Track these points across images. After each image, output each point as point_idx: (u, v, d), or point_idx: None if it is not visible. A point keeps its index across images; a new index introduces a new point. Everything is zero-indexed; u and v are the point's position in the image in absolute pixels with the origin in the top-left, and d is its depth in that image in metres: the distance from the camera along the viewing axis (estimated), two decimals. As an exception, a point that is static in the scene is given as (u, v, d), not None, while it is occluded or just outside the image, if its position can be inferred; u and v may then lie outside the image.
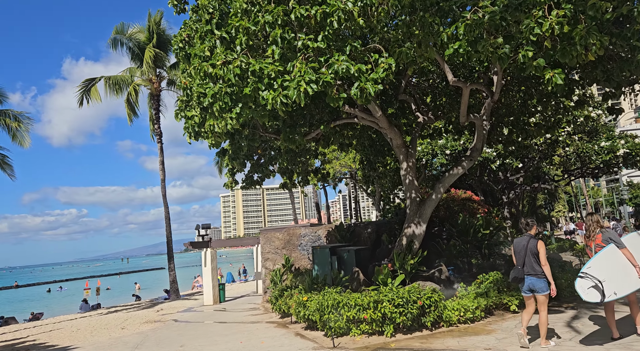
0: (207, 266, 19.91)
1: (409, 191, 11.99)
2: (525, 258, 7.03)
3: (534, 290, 7.01)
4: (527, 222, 7.42)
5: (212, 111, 7.67)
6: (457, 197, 18.41)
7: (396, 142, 12.11)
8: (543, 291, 6.93)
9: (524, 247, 7.08)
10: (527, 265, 7.00)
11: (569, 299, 11.04)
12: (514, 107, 14.28)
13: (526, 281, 7.04)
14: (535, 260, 6.94)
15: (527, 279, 7.02)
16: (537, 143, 23.05)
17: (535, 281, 6.93)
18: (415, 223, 11.66)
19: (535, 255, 6.96)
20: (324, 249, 14.79)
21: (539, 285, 6.92)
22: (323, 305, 8.68)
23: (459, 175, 11.72)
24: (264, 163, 14.66)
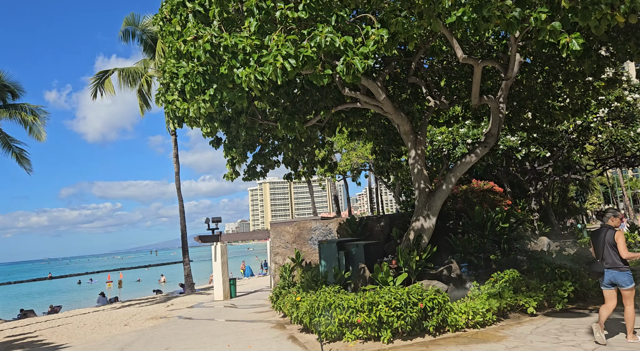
0: (217, 261, 19.39)
1: (418, 181, 11.02)
2: (604, 251, 6.69)
3: (616, 284, 6.67)
4: (606, 212, 6.96)
5: (185, 93, 6.93)
6: (477, 189, 17.25)
7: (404, 128, 11.14)
8: (627, 285, 6.57)
9: (602, 239, 6.73)
10: (607, 258, 6.67)
11: (596, 301, 9.90)
12: (537, 90, 13.06)
13: (606, 275, 6.73)
14: (615, 252, 6.57)
15: (608, 272, 6.70)
16: (566, 130, 21.55)
17: (617, 275, 6.58)
18: (424, 216, 10.70)
19: (613, 247, 6.57)
20: (331, 244, 13.99)
21: (621, 279, 6.55)
22: (313, 307, 7.88)
23: (472, 163, 10.68)
24: (267, 153, 13.92)
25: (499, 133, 10.61)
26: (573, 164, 25.74)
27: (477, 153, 10.59)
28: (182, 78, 6.84)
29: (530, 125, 14.29)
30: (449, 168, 31.56)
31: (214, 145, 10.91)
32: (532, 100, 13.19)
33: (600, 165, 25.88)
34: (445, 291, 8.59)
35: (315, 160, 14.70)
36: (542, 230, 26.09)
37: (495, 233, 12.41)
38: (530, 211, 26.95)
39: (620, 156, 23.22)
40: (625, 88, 22.31)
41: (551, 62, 12.13)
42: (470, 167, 31.20)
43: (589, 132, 21.52)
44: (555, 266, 10.16)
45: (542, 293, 9.37)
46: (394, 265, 9.78)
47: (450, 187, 10.71)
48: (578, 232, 29.11)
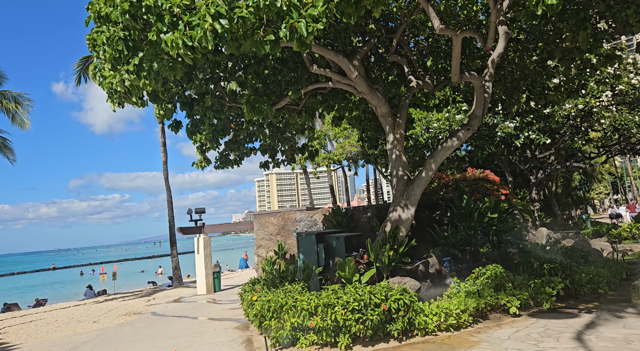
0: (200, 253, 18.62)
1: (395, 168, 10.09)
2: None
3: None
4: None
5: (106, 62, 6.03)
6: (470, 177, 16.27)
7: (381, 110, 10.19)
8: None
9: None
10: None
11: (589, 298, 8.98)
12: (530, 68, 12.03)
13: None
14: None
15: None
16: (568, 115, 20.44)
17: None
18: (401, 207, 9.78)
19: None
20: (310, 236, 13.11)
21: None
22: (264, 308, 7.02)
23: (454, 147, 9.71)
24: (241, 140, 13.02)
25: (484, 114, 9.63)
26: (576, 152, 24.61)
27: (459, 137, 9.62)
28: (101, 46, 5.93)
29: (525, 108, 13.25)
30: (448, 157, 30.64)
31: (173, 129, 10.01)
32: (525, 81, 12.18)
33: (604, 153, 24.73)
34: (418, 290, 7.70)
35: (296, 146, 13.80)
36: (542, 221, 25.07)
37: (484, 225, 11.48)
38: (530, 201, 25.92)
39: (625, 143, 22.08)
40: (631, 71, 21.13)
41: (545, 38, 11.09)
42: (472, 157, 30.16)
43: (592, 117, 20.39)
44: (544, 261, 9.23)
45: (527, 290, 8.47)
46: (365, 260, 8.89)
47: (430, 174, 9.77)
48: (582, 222, 28.00)
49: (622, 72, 20.77)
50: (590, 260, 10.77)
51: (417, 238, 11.79)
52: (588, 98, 20.19)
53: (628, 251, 16.53)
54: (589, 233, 23.12)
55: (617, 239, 20.20)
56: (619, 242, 20.01)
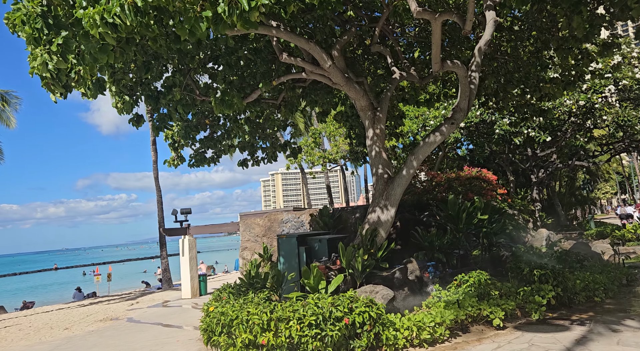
0: (185, 256, 17.96)
1: (375, 166, 9.36)
2: None
3: None
4: None
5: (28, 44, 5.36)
6: (463, 176, 15.49)
7: (359, 103, 9.46)
8: None
9: None
10: None
11: (583, 308, 8.21)
12: (524, 59, 11.26)
13: None
14: None
15: None
16: (569, 112, 19.59)
17: None
18: (381, 207, 9.04)
19: None
20: (290, 238, 12.39)
21: None
22: (213, 322, 6.31)
23: (437, 143, 8.95)
24: (219, 137, 12.34)
25: (469, 107, 8.87)
26: (578, 150, 23.72)
27: (442, 132, 8.87)
28: (20, 25, 5.25)
29: (520, 102, 12.47)
30: (447, 155, 29.74)
31: (133, 124, 9.33)
32: (519, 72, 11.41)
33: (607, 151, 23.81)
34: (391, 300, 6.97)
35: (278, 143, 13.09)
36: (544, 221, 24.18)
37: (472, 226, 10.71)
38: (532, 201, 25.05)
39: (629, 140, 21.18)
40: (635, 65, 20.24)
41: (538, 25, 10.32)
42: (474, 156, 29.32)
43: (594, 113, 19.53)
44: (535, 266, 8.45)
45: (514, 299, 7.71)
46: (338, 266, 8.17)
47: (411, 172, 9.02)
48: (586, 223, 27.07)
49: (627, 66, 19.91)
50: (587, 264, 9.98)
51: (403, 241, 11.07)
52: (590, 93, 19.34)
53: (631, 254, 15.68)
54: (593, 235, 22.26)
55: (620, 241, 19.34)
56: (622, 244, 19.14)
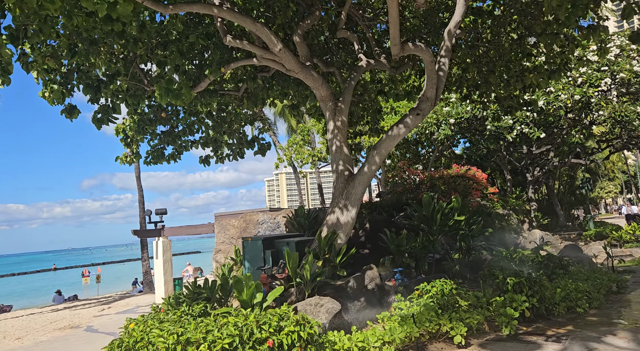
0: (159, 258, 17.14)
1: (336, 162, 8.49)
2: None
3: None
4: None
5: None
6: (446, 175, 14.59)
7: (319, 93, 8.60)
8: None
9: None
10: None
11: (563, 320, 7.31)
12: (505, 46, 10.37)
13: None
14: None
15: None
16: (564, 107, 18.63)
17: None
18: (340, 208, 8.18)
19: None
20: (256, 241, 11.56)
21: None
22: (115, 344, 5.45)
23: (401, 136, 8.08)
24: (180, 132, 11.52)
25: (438, 96, 7.99)
26: (575, 147, 22.75)
27: (406, 124, 7.99)
28: None
29: (503, 94, 11.56)
30: (443, 154, 28.76)
31: (66, 115, 8.48)
32: (502, 61, 10.51)
33: (606, 147, 22.82)
34: (337, 313, 6.09)
35: (244, 139, 12.25)
36: (540, 222, 23.23)
37: (446, 228, 9.83)
38: (527, 200, 24.11)
39: (628, 137, 20.19)
40: (634, 57, 19.26)
41: (518, 7, 9.42)
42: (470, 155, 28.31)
43: (590, 108, 18.57)
44: (509, 274, 7.56)
45: (484, 312, 6.84)
46: (285, 274, 7.31)
47: (374, 168, 8.15)
48: (585, 223, 26.06)
49: (625, 58, 18.95)
50: (571, 270, 9.08)
51: (373, 245, 10.20)
52: (585, 87, 18.39)
53: (627, 257, 14.73)
54: (592, 235, 21.31)
55: (618, 243, 18.38)
56: (620, 246, 18.17)
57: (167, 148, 11.51)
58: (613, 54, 19.03)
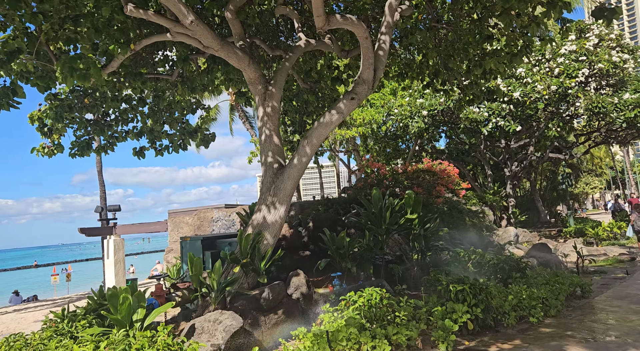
0: (110, 259, 16.08)
1: (265, 153, 7.52)
2: None
3: None
4: None
5: None
6: (410, 169, 13.67)
7: (247, 75, 7.61)
8: None
9: None
10: None
11: (513, 332, 6.43)
12: (464, 28, 9.44)
13: None
14: None
15: None
16: (540, 98, 17.78)
17: None
18: (267, 205, 7.21)
19: None
20: (195, 241, 10.65)
21: None
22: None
23: (334, 123, 7.11)
24: (111, 121, 10.48)
25: (377, 79, 7.03)
26: (554, 141, 21.95)
27: (339, 109, 7.03)
28: None
29: (465, 81, 10.65)
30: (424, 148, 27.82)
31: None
32: (459, 43, 9.57)
33: (584, 141, 22.06)
34: (236, 332, 5.12)
35: (186, 129, 11.23)
36: (517, 218, 22.44)
37: (397, 227, 8.91)
38: (506, 196, 23.30)
39: (607, 130, 19.41)
40: (613, 47, 18.47)
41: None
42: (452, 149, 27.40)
43: (567, 100, 17.74)
44: (454, 280, 6.66)
45: (417, 326, 5.92)
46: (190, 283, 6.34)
47: (304, 160, 7.18)
48: (566, 219, 25.36)
49: (604, 49, 18.15)
50: (530, 273, 8.20)
51: (316, 246, 9.26)
52: (562, 78, 17.56)
53: (601, 256, 13.95)
54: (571, 232, 20.59)
55: (594, 240, 17.64)
56: (596, 244, 17.43)
57: (95, 139, 10.48)
58: (592, 44, 18.23)
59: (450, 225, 14.82)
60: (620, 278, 10.48)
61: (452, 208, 14.96)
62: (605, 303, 7.94)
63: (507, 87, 18.28)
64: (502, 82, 18.56)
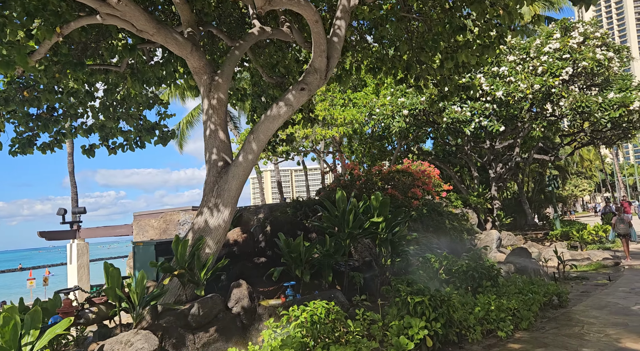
0: (73, 264, 15.29)
1: (209, 150, 6.81)
2: None
3: None
4: None
5: None
6: (384, 170, 13.01)
7: (191, 63, 6.91)
8: None
9: None
10: None
11: (478, 348, 5.76)
12: (434, 17, 8.80)
13: None
14: None
15: None
16: (524, 97, 17.23)
17: None
18: (210, 208, 6.50)
19: None
20: (148, 246, 9.96)
21: None
22: None
23: (282, 116, 6.42)
24: (58, 117, 9.72)
25: (331, 68, 6.36)
26: (538, 141, 21.43)
27: (288, 101, 6.34)
28: None
29: (439, 76, 10.02)
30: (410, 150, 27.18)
31: None
32: (430, 34, 8.94)
33: (570, 142, 21.56)
34: None
35: (142, 127, 10.50)
36: (502, 221, 21.87)
37: (362, 231, 8.22)
38: (491, 198, 22.73)
39: (593, 131, 18.90)
40: (598, 45, 17.98)
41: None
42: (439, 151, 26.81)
43: (551, 99, 17.19)
44: (411, 291, 5.98)
45: (368, 344, 5.24)
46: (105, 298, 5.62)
47: (250, 157, 6.48)
48: (552, 222, 24.86)
49: (589, 47, 17.65)
50: (501, 282, 7.55)
51: (274, 252, 8.56)
52: (546, 76, 17.03)
53: (584, 260, 13.37)
54: (557, 235, 20.07)
55: (579, 244, 17.10)
56: (581, 248, 16.89)
57: (40, 136, 9.69)
58: (576, 42, 17.72)
59: (431, 229, 14.20)
60: (601, 285, 9.88)
61: (432, 210, 14.34)
62: (583, 314, 7.32)
63: (490, 86, 17.74)
64: (485, 81, 18.02)
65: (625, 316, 6.95)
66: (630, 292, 8.82)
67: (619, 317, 6.94)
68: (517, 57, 18.44)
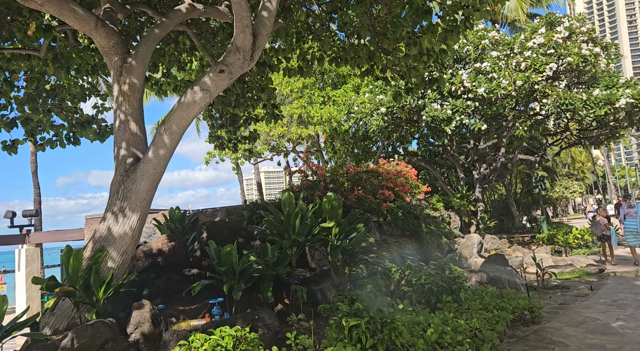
0: (21, 271, 14.18)
1: (118, 144, 5.79)
2: None
3: None
4: None
5: None
6: (351, 170, 12.03)
7: (99, 42, 5.88)
8: None
9: None
10: None
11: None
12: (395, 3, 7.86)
13: None
14: None
15: None
16: (508, 94, 16.34)
17: None
18: (114, 213, 5.50)
19: None
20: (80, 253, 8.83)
21: None
22: None
23: (198, 104, 5.41)
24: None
25: (258, 47, 5.38)
26: (522, 141, 20.57)
27: (205, 86, 5.33)
28: None
29: (404, 66, 9.08)
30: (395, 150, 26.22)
31: None
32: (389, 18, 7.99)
33: (556, 141, 20.73)
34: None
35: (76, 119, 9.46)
36: (486, 224, 20.95)
37: (311, 238, 7.24)
38: (475, 200, 21.83)
39: (580, 130, 18.06)
40: (584, 41, 17.16)
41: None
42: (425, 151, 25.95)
43: (535, 96, 16.31)
44: (348, 312, 5.00)
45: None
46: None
47: (162, 152, 5.48)
48: (539, 225, 24.01)
49: (575, 43, 16.83)
50: (463, 296, 6.57)
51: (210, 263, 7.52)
52: (529, 72, 16.15)
53: (567, 267, 12.45)
54: (544, 238, 19.21)
55: (563, 248, 16.23)
56: (565, 253, 16.01)
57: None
58: (561, 36, 16.89)
59: (407, 233, 13.30)
60: (582, 295, 8.96)
61: (408, 213, 13.43)
62: (556, 333, 6.38)
63: (472, 83, 16.86)
64: (467, 77, 17.15)
65: (603, 336, 6.02)
66: (612, 305, 7.90)
67: (596, 337, 6.01)
68: (501, 53, 17.58)
